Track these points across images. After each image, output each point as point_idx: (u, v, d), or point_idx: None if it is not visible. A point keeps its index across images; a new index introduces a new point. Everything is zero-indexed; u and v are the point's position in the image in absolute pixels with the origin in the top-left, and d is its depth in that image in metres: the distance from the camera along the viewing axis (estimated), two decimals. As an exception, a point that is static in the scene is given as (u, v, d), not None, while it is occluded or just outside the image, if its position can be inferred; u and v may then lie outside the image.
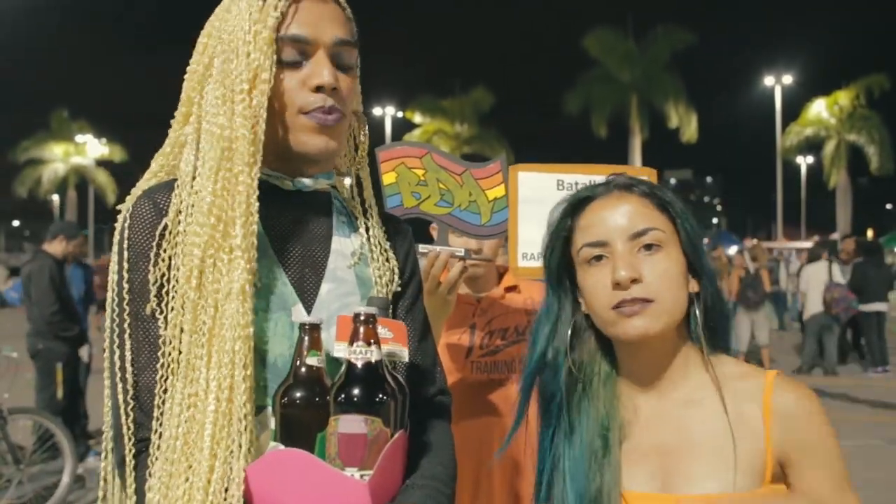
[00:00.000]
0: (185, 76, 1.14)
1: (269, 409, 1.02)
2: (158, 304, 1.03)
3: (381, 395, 0.96)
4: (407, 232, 1.33)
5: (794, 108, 29.16)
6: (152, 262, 1.04)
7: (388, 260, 1.23)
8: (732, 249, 13.22)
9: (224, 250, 1.02)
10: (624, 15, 28.16)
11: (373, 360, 0.96)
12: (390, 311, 1.13)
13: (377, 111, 35.13)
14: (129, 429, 1.01)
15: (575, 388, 1.16)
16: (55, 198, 38.88)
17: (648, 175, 1.66)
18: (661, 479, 1.09)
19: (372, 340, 0.97)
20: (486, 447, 1.93)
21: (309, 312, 1.11)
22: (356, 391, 0.94)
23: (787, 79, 30.94)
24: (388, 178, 1.67)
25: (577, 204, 1.15)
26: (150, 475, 0.98)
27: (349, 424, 0.93)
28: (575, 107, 26.96)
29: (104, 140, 36.04)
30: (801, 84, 31.95)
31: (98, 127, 36.47)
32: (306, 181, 1.15)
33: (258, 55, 1.05)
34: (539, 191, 1.64)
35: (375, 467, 0.93)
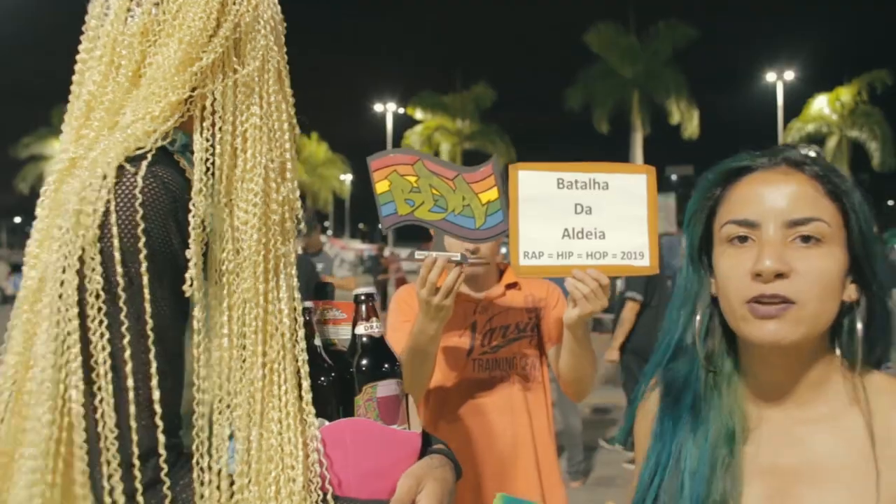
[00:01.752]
0: None
1: None
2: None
3: (397, 362, 1.09)
4: None
5: (795, 104, 29.12)
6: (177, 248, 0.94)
7: None
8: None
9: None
10: (625, 10, 28.08)
11: (376, 334, 1.10)
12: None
13: (378, 107, 35.09)
14: (159, 444, 0.89)
15: (707, 381, 1.02)
16: (57, 194, 38.76)
17: (647, 172, 1.67)
18: (778, 502, 0.94)
19: (373, 317, 1.10)
20: (488, 445, 1.93)
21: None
22: (383, 360, 1.07)
23: (789, 75, 30.88)
24: (381, 187, 1.67)
25: (734, 172, 1.00)
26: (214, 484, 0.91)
27: (385, 389, 1.05)
28: (576, 102, 26.90)
29: (105, 136, 35.94)
30: (802, 80, 31.88)
31: (99, 123, 36.35)
32: None
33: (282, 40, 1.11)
34: (539, 189, 1.64)
35: (412, 421, 1.09)
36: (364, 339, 1.08)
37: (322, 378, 1.04)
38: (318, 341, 1.08)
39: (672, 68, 26.49)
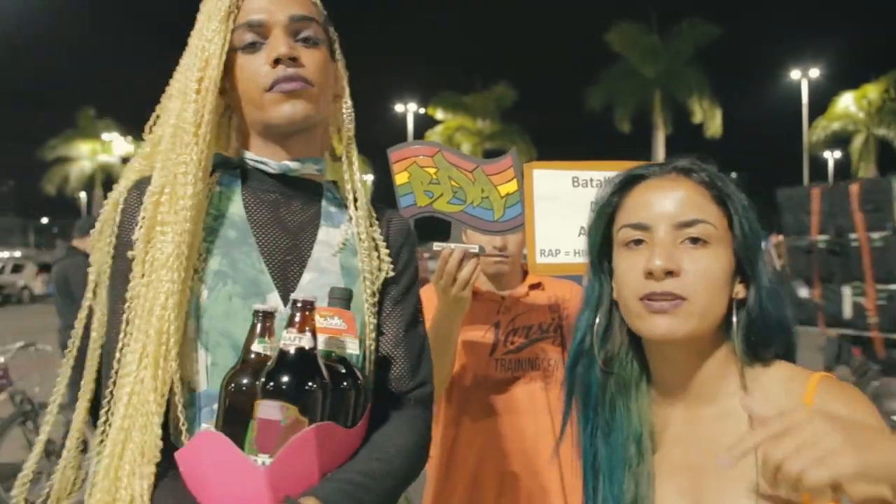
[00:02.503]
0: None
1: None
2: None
3: (306, 384, 0.95)
4: (404, 223, 1.33)
5: (821, 102, 28.76)
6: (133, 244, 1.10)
7: (376, 249, 1.23)
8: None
9: (160, 225, 1.07)
10: (647, 9, 27.96)
11: (305, 348, 0.96)
12: (350, 301, 1.09)
13: (399, 108, 35.18)
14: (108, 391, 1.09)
15: (608, 384, 1.07)
16: (82, 195, 39.42)
17: None
18: (691, 499, 0.99)
19: (306, 328, 0.97)
20: (509, 445, 1.93)
21: (288, 301, 1.10)
22: (278, 377, 0.94)
23: (814, 72, 30.51)
24: (400, 179, 1.68)
25: (628, 181, 1.06)
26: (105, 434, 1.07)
27: (266, 410, 0.94)
28: (598, 102, 26.80)
29: (130, 138, 36.47)
30: (828, 77, 31.50)
31: (124, 125, 36.91)
32: (290, 164, 1.18)
33: (208, 44, 1.11)
34: (555, 188, 1.64)
35: (276, 456, 0.93)
36: (281, 349, 0.97)
37: (308, 381, 0.96)
38: (260, 348, 1.01)
39: (694, 67, 26.30)
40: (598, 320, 1.07)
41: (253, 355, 1.01)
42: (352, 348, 1.04)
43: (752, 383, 1.00)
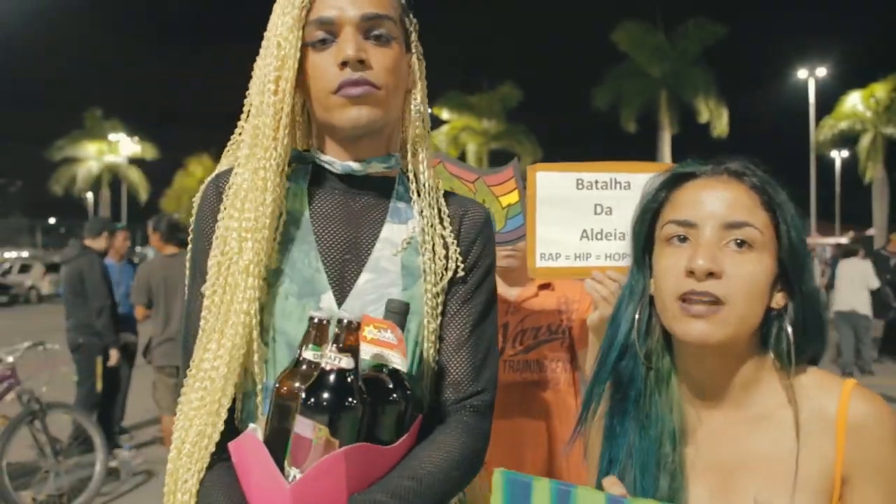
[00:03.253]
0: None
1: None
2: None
3: (340, 407, 0.94)
4: (481, 215, 1.25)
5: (828, 101, 28.62)
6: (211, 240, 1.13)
7: (444, 247, 1.18)
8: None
9: (238, 232, 1.08)
10: (653, 8, 27.87)
11: (345, 369, 0.95)
12: (407, 315, 1.06)
13: (405, 108, 35.09)
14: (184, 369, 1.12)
15: (648, 378, 1.06)
16: (89, 195, 39.57)
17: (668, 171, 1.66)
18: (722, 500, 0.99)
19: (349, 348, 0.96)
20: (516, 446, 1.93)
21: (342, 301, 1.11)
22: (314, 396, 0.94)
23: (821, 71, 30.37)
24: None
25: (678, 178, 1.04)
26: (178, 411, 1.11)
27: (301, 426, 0.94)
28: (604, 102, 26.74)
29: (136, 138, 36.58)
30: (835, 77, 31.37)
31: (130, 126, 37.04)
32: (353, 165, 1.17)
33: (284, 42, 1.10)
34: (558, 191, 1.61)
35: (303, 475, 0.93)
36: (321, 367, 0.97)
37: (342, 404, 0.95)
38: (310, 356, 1.00)
39: (701, 66, 26.21)
40: (637, 316, 1.06)
41: (304, 362, 1.00)
42: (398, 364, 1.01)
43: (786, 389, 1.00)
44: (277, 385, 1.00)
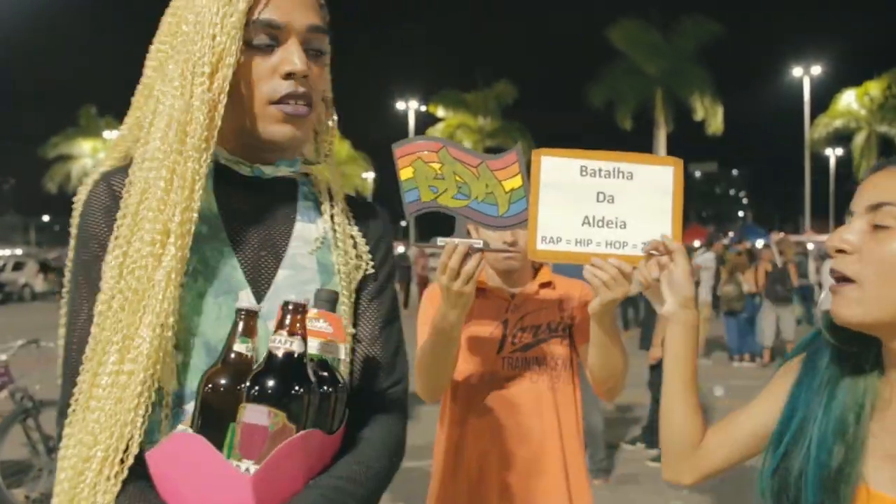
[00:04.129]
0: (148, 56, 1.12)
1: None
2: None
3: (294, 389, 0.92)
4: (380, 217, 1.30)
5: (822, 99, 28.72)
6: (109, 244, 1.03)
7: (354, 246, 1.20)
8: (759, 243, 13.08)
9: (161, 234, 1.01)
10: (649, 6, 27.86)
11: (295, 352, 0.94)
12: (337, 304, 1.07)
13: (400, 105, 35.16)
14: (70, 389, 1.04)
15: (843, 356, 1.05)
16: (84, 193, 39.37)
17: (674, 164, 1.64)
18: None
19: (297, 332, 0.95)
20: (515, 444, 1.92)
21: (262, 298, 1.09)
22: (266, 382, 0.92)
23: (816, 70, 30.45)
24: (405, 174, 1.67)
25: (875, 168, 1.05)
26: (65, 435, 1.03)
27: (253, 415, 0.91)
28: (599, 99, 26.75)
29: (131, 136, 36.42)
30: (830, 75, 31.44)
31: (125, 123, 36.88)
32: (265, 169, 1.14)
33: (224, 38, 1.02)
34: (561, 176, 1.62)
35: (263, 462, 0.90)
36: (270, 352, 0.95)
37: (297, 387, 0.94)
38: (243, 349, 0.98)
39: (696, 64, 26.24)
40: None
41: (234, 355, 0.98)
42: (339, 353, 1.02)
43: None
44: (205, 385, 0.97)
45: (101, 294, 1.02)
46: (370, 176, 42.49)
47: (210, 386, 0.97)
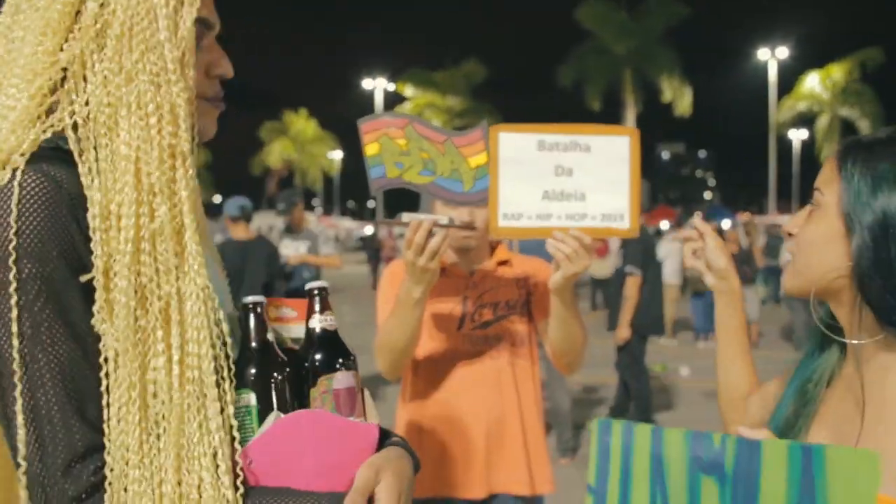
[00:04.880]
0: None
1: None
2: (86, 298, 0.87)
3: (352, 355, 1.08)
4: None
5: (788, 82, 29.11)
6: (76, 251, 0.88)
7: None
8: (726, 223, 13.25)
9: (189, 230, 0.91)
10: (618, -14, 27.85)
11: (332, 327, 1.07)
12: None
13: (368, 84, 34.85)
14: (79, 446, 0.85)
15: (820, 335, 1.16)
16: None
17: (630, 134, 1.68)
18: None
19: (327, 309, 1.08)
20: (475, 419, 1.95)
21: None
22: (339, 352, 1.05)
23: (782, 52, 30.82)
24: (370, 150, 1.65)
25: None
26: (122, 490, 0.86)
27: (343, 380, 1.03)
28: (568, 79, 26.81)
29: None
30: (795, 58, 31.84)
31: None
32: None
33: (182, 26, 0.92)
34: (520, 151, 1.63)
35: (367, 413, 1.06)
36: (318, 331, 1.06)
37: (276, 374, 1.01)
38: (271, 336, 1.04)
39: (664, 45, 26.40)
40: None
41: (269, 345, 1.03)
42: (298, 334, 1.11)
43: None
44: (265, 379, 1.00)
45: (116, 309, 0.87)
46: (337, 155, 42.18)
47: (277, 377, 1.01)
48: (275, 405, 0.99)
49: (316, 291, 1.07)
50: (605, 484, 0.99)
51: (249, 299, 1.03)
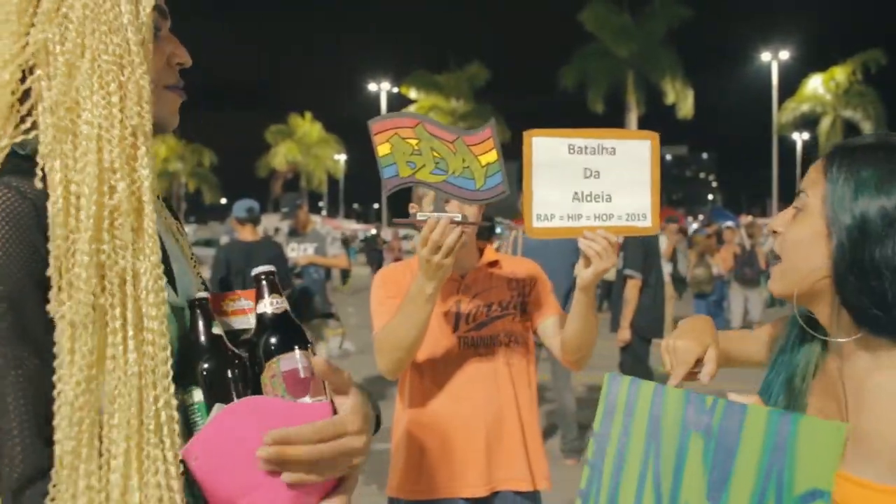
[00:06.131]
0: None
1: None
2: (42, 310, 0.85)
3: (303, 333, 1.04)
4: None
5: (790, 84, 29.10)
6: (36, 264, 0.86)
7: None
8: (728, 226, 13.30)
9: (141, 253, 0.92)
10: (621, -11, 27.87)
11: (283, 309, 1.04)
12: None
13: (372, 87, 34.91)
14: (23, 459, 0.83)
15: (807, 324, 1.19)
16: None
17: (650, 138, 1.77)
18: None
19: (276, 292, 1.04)
20: (474, 420, 1.98)
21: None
22: (286, 333, 1.01)
23: (784, 54, 30.80)
24: (382, 150, 1.68)
25: None
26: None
27: (291, 361, 0.99)
28: (571, 82, 26.84)
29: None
30: (797, 60, 31.84)
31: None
32: None
33: (147, 19, 0.96)
34: (552, 155, 1.71)
35: (325, 391, 0.99)
36: (267, 316, 1.03)
37: (223, 367, 0.98)
38: (218, 330, 1.00)
39: (667, 48, 26.41)
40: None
41: (216, 338, 1.00)
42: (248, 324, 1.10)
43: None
44: (203, 371, 0.97)
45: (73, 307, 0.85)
46: (342, 158, 42.21)
47: (209, 369, 0.98)
48: (223, 399, 0.95)
49: (263, 276, 1.04)
50: (607, 434, 1.13)
51: (196, 296, 1.01)
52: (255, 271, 1.04)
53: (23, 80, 0.91)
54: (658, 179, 1.75)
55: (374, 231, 22.87)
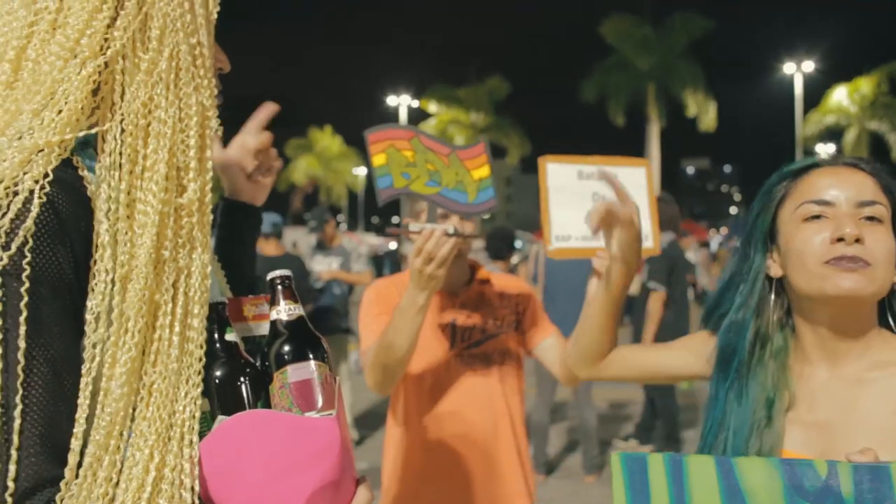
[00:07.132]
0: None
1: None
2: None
3: (320, 341, 1.00)
4: None
5: (814, 95, 28.85)
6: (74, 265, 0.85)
7: None
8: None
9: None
10: (641, 1, 27.90)
11: (299, 315, 1.00)
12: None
13: (392, 100, 35.13)
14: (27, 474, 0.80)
15: (753, 352, 1.21)
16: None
17: (643, 165, 1.86)
18: (818, 450, 1.11)
19: (291, 298, 1.00)
20: (470, 437, 1.99)
21: None
22: (297, 342, 0.97)
23: (808, 66, 30.57)
24: (377, 160, 1.72)
25: (801, 170, 1.21)
26: None
27: (300, 372, 0.95)
28: (591, 95, 26.81)
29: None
30: (821, 71, 31.55)
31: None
32: None
33: (214, 18, 0.99)
34: (564, 180, 1.78)
35: (336, 404, 0.95)
36: (279, 323, 0.98)
37: (239, 380, 0.94)
38: (232, 337, 0.97)
39: (688, 60, 26.33)
40: (752, 294, 1.23)
41: (226, 345, 0.97)
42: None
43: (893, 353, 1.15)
44: (216, 378, 0.94)
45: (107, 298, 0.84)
46: (362, 172, 42.47)
47: (234, 368, 0.95)
48: (231, 409, 0.92)
49: (278, 281, 0.99)
50: None
51: (276, 273, 0.99)
52: (270, 275, 1.00)
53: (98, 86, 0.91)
54: (655, 204, 1.85)
55: (394, 245, 22.97)
